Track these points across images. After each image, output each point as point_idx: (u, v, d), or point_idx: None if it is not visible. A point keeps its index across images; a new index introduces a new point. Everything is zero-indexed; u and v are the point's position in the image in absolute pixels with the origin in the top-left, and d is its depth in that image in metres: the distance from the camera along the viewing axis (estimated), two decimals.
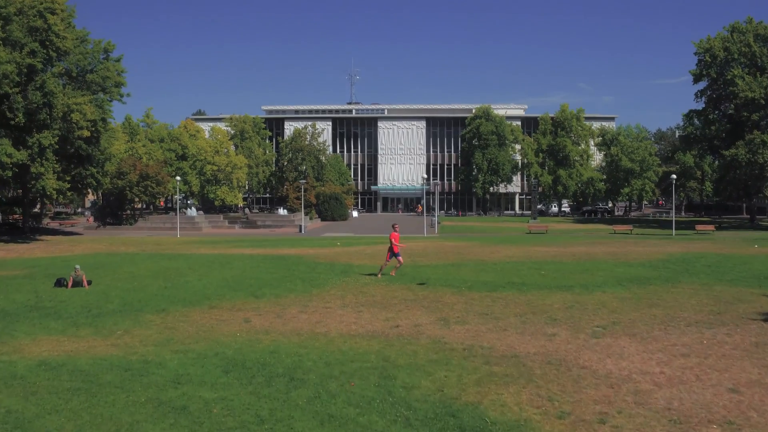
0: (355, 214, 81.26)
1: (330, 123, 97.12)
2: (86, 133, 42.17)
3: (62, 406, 8.12)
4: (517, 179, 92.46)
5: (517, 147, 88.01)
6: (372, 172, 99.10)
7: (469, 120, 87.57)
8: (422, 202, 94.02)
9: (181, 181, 67.62)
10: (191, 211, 63.87)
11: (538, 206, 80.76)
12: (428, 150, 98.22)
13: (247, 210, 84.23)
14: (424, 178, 62.94)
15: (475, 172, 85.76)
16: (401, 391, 8.58)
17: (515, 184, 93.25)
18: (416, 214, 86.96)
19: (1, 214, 55.07)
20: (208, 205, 77.73)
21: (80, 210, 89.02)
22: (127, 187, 54.48)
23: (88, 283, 18.45)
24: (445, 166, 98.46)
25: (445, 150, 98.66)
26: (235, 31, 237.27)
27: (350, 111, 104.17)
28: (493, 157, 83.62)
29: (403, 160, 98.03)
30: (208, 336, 11.98)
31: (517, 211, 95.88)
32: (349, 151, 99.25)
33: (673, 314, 13.63)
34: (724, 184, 62.86)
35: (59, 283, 18.53)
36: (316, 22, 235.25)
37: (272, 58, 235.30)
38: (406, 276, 19.67)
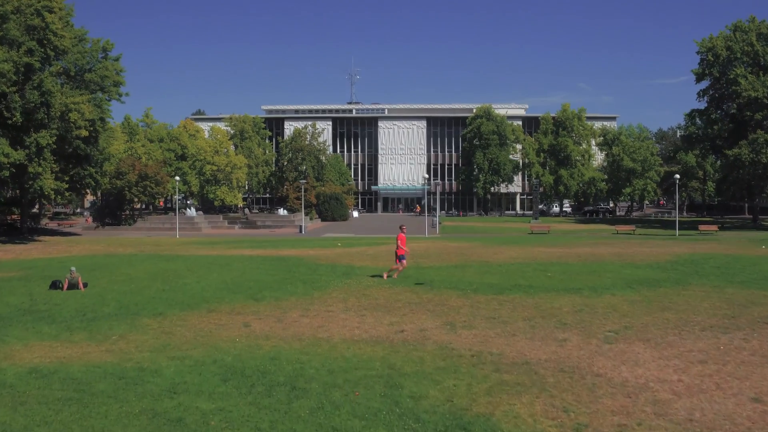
0: (356, 214, 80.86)
1: (330, 123, 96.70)
2: (84, 133, 41.78)
3: (52, 418, 7.71)
4: (518, 179, 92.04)
5: (519, 147, 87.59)
6: (372, 172, 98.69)
7: (470, 120, 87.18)
8: (423, 202, 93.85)
9: (181, 181, 67.22)
10: (190, 211, 63.47)
11: (540, 206, 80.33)
12: (429, 150, 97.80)
13: (247, 210, 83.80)
14: (426, 178, 62.53)
15: (476, 172, 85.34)
16: (408, 402, 8.17)
17: (516, 184, 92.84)
18: (415, 214, 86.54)
19: None
20: (208, 206, 77.32)
21: (79, 210, 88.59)
22: (126, 188, 54.08)
23: (84, 286, 18.05)
24: (446, 166, 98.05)
25: (446, 150, 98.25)
26: (234, 31, 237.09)
27: (350, 111, 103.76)
28: (494, 157, 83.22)
29: (403, 160, 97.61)
30: (207, 341, 11.56)
31: (518, 211, 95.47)
32: (350, 151, 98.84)
33: (687, 318, 13.22)
34: (727, 184, 62.43)
35: (54, 285, 18.12)
36: (316, 21, 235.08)
37: (272, 58, 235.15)
38: (409, 278, 19.25)
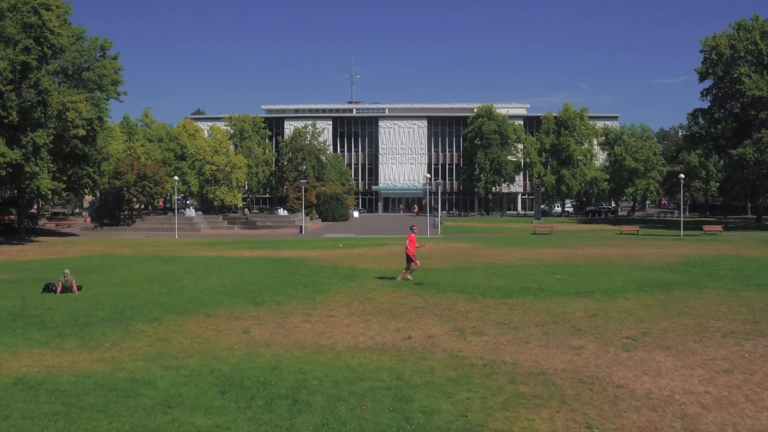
0: (356, 214, 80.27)
1: (330, 122, 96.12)
2: (82, 132, 41.19)
3: None
4: (519, 179, 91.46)
5: (520, 146, 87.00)
6: (373, 172, 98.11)
7: (471, 119, 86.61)
8: (424, 202, 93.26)
9: (180, 181, 66.64)
10: (190, 211, 62.89)
11: (541, 206, 79.74)
12: (429, 149, 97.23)
13: (247, 210, 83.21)
14: (428, 178, 61.91)
15: (478, 172, 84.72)
16: (420, 417, 7.60)
17: (517, 184, 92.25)
18: (413, 214, 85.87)
19: None
20: (208, 206, 76.74)
21: (78, 210, 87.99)
22: (125, 188, 53.51)
23: (78, 289, 17.47)
24: (447, 166, 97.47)
25: (447, 150, 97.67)
26: (234, 30, 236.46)
27: (351, 110, 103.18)
28: (496, 157, 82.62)
29: (404, 159, 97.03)
30: (204, 349, 10.99)
31: (520, 211, 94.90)
32: (350, 150, 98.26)
33: (706, 323, 12.65)
34: (731, 184, 61.81)
35: (47, 288, 17.55)
36: (316, 20, 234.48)
37: (272, 57, 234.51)
38: (413, 280, 18.66)
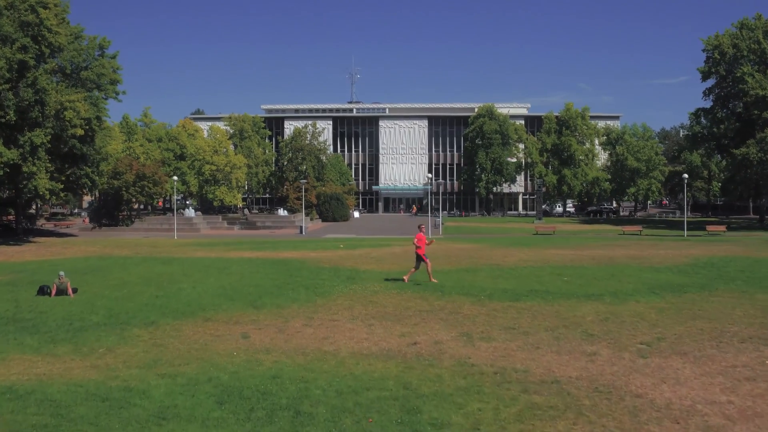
0: (356, 214, 79.81)
1: (330, 122, 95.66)
2: (80, 132, 40.72)
3: None
4: (520, 179, 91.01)
5: (521, 146, 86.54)
6: (373, 172, 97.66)
7: (472, 119, 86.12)
8: (425, 202, 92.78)
9: (179, 181, 66.19)
10: (189, 211, 62.44)
11: (542, 206, 79.29)
12: (430, 149, 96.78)
13: (247, 210, 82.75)
14: (429, 178, 61.44)
15: (479, 172, 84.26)
16: (429, 430, 7.16)
17: (518, 184, 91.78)
18: (411, 214, 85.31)
19: None
20: (207, 206, 76.28)
21: (77, 211, 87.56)
22: (123, 188, 53.03)
23: (74, 291, 17.02)
24: (448, 166, 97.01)
25: (447, 149, 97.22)
26: (234, 30, 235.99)
27: (351, 110, 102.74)
28: (497, 157, 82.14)
29: (404, 159, 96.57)
30: (201, 355, 10.55)
31: (521, 211, 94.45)
32: (350, 150, 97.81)
33: (722, 328, 12.21)
34: (735, 183, 61.39)
35: (42, 291, 17.10)
36: (316, 20, 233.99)
37: (272, 57, 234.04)
38: (410, 284, 18.23)
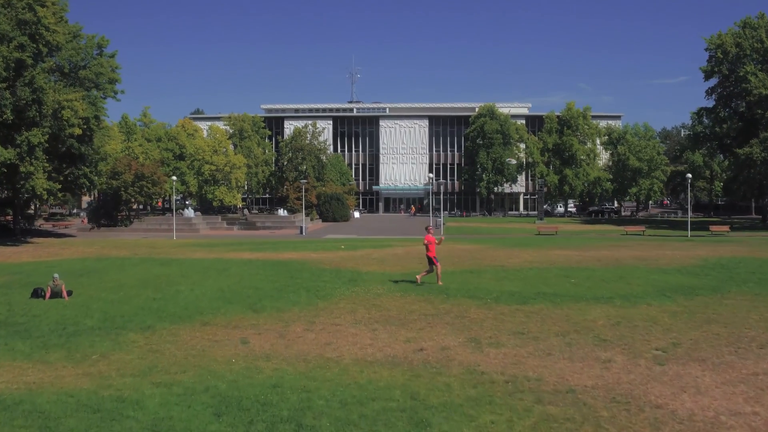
0: (357, 214, 79.36)
1: (330, 122, 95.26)
2: (78, 131, 40.30)
3: None
4: (521, 179, 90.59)
5: (522, 146, 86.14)
6: (374, 172, 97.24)
7: (473, 118, 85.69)
8: (425, 202, 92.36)
9: (179, 181, 65.75)
10: (188, 211, 62.00)
11: (544, 206, 78.90)
12: (431, 149, 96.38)
13: (246, 211, 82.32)
14: (430, 177, 60.95)
15: (480, 172, 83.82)
16: None
17: (519, 184, 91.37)
18: (410, 215, 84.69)
19: None
20: (207, 206, 75.83)
21: (75, 211, 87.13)
22: (122, 188, 52.60)
23: (68, 294, 16.58)
24: (448, 166, 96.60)
25: (448, 149, 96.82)
26: (234, 30, 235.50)
27: (351, 110, 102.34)
28: (498, 156, 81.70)
29: (405, 159, 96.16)
30: (199, 362, 10.11)
31: (522, 211, 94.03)
32: (350, 150, 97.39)
33: (739, 333, 11.78)
34: (738, 183, 60.98)
35: (36, 293, 16.66)
36: (316, 20, 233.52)
37: (272, 57, 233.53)
38: (421, 285, 17.79)
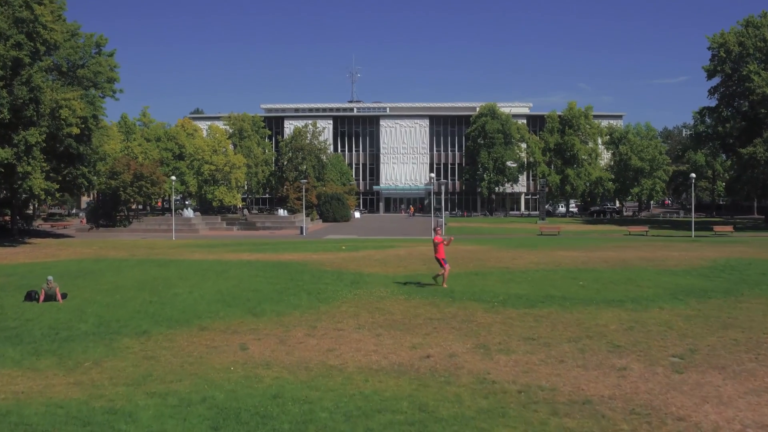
0: (357, 214, 78.89)
1: (331, 122, 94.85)
2: (76, 131, 39.83)
3: None
4: (522, 179, 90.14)
5: (523, 146, 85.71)
6: (374, 172, 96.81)
7: (474, 118, 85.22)
8: (426, 202, 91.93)
9: (178, 181, 65.33)
10: (188, 212, 61.55)
11: (545, 206, 78.46)
12: (431, 149, 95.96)
13: (246, 211, 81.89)
14: (432, 177, 60.52)
15: (481, 172, 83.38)
16: None
17: (521, 184, 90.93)
18: (408, 215, 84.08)
19: None
20: (206, 206, 75.40)
21: (75, 211, 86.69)
22: (121, 188, 52.16)
23: (63, 297, 16.13)
24: (449, 166, 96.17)
25: (449, 149, 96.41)
26: (234, 29, 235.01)
27: (351, 109, 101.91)
28: (500, 156, 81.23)
29: (405, 159, 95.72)
30: (196, 370, 9.67)
31: (523, 211, 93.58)
32: (351, 150, 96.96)
33: (757, 338, 11.33)
34: (741, 183, 60.51)
35: (30, 296, 16.21)
36: (316, 19, 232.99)
37: (271, 56, 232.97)
38: (425, 288, 17.35)
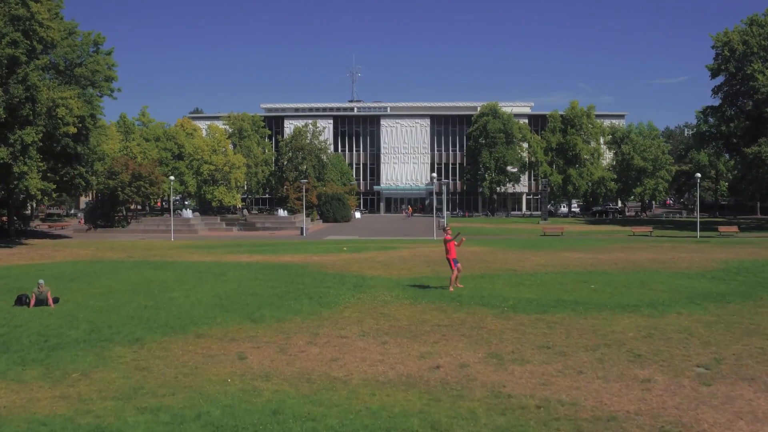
0: (358, 215, 78.25)
1: (331, 121, 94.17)
2: (73, 130, 39.18)
3: None
4: (524, 179, 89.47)
5: (525, 145, 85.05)
6: (375, 172, 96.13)
7: (475, 117, 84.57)
8: (428, 203, 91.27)
9: (177, 181, 64.71)
10: (187, 212, 60.94)
11: (547, 206, 77.80)
12: (432, 149, 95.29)
13: (246, 211, 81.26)
14: (433, 177, 59.91)
15: (482, 172, 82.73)
16: None
17: (522, 184, 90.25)
18: (407, 215, 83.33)
19: None
20: (206, 206, 74.78)
21: (73, 211, 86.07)
22: (119, 188, 51.56)
23: (54, 301, 15.53)
24: (450, 166, 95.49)
25: (450, 149, 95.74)
26: (233, 29, 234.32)
27: (352, 109, 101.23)
28: (501, 156, 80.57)
29: (406, 159, 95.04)
30: (190, 382, 9.06)
31: (525, 211, 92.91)
32: (351, 150, 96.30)
33: None
34: (746, 183, 59.88)
35: (20, 300, 15.60)
36: (316, 18, 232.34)
37: (271, 56, 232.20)
38: (431, 291, 16.75)
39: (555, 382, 8.86)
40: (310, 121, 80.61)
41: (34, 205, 63.86)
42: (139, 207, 69.73)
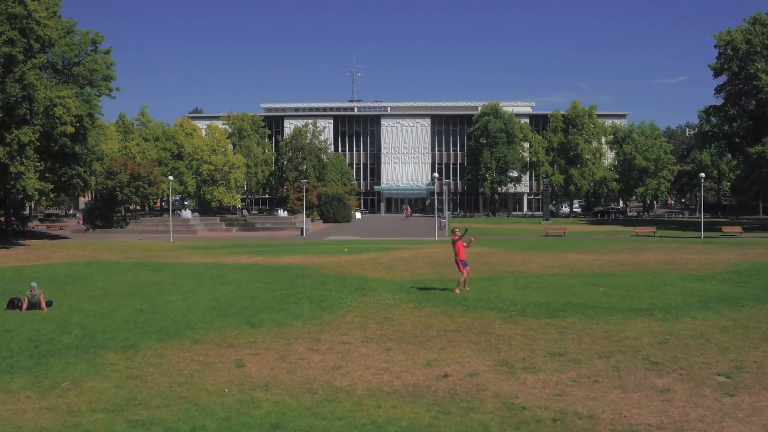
0: (358, 215, 77.77)
1: (331, 121, 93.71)
2: (71, 129, 38.73)
3: None
4: (525, 179, 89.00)
5: (526, 145, 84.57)
6: (375, 172, 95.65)
7: (476, 117, 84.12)
8: (428, 203, 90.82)
9: (177, 181, 64.27)
10: (186, 212, 60.49)
11: (549, 206, 77.32)
12: (433, 149, 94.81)
13: (246, 211, 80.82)
14: (434, 177, 59.43)
15: (483, 171, 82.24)
16: None
17: (524, 184, 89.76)
18: (405, 216, 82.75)
19: None
20: (205, 206, 74.33)
21: (72, 212, 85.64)
22: (118, 188, 51.11)
23: (48, 305, 15.07)
24: (451, 166, 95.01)
25: (451, 149, 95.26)
26: (233, 28, 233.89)
27: (352, 109, 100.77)
28: (502, 156, 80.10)
29: (407, 159, 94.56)
30: (186, 392, 8.60)
31: (526, 211, 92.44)
32: (351, 150, 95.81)
33: None
34: (749, 183, 59.42)
35: (12, 304, 15.15)
36: (316, 18, 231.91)
37: (271, 56, 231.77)
38: (436, 294, 16.29)
39: (570, 393, 8.40)
40: (310, 121, 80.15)
41: (33, 206, 63.44)
42: (138, 207, 69.29)
